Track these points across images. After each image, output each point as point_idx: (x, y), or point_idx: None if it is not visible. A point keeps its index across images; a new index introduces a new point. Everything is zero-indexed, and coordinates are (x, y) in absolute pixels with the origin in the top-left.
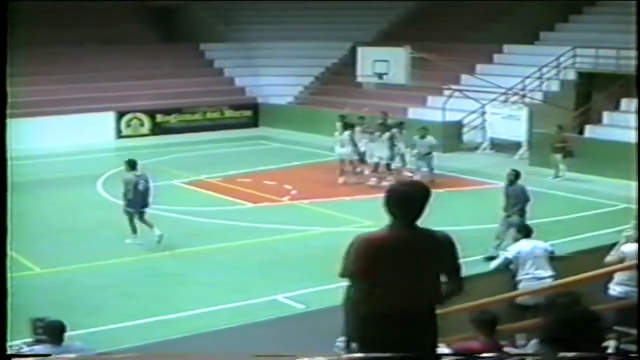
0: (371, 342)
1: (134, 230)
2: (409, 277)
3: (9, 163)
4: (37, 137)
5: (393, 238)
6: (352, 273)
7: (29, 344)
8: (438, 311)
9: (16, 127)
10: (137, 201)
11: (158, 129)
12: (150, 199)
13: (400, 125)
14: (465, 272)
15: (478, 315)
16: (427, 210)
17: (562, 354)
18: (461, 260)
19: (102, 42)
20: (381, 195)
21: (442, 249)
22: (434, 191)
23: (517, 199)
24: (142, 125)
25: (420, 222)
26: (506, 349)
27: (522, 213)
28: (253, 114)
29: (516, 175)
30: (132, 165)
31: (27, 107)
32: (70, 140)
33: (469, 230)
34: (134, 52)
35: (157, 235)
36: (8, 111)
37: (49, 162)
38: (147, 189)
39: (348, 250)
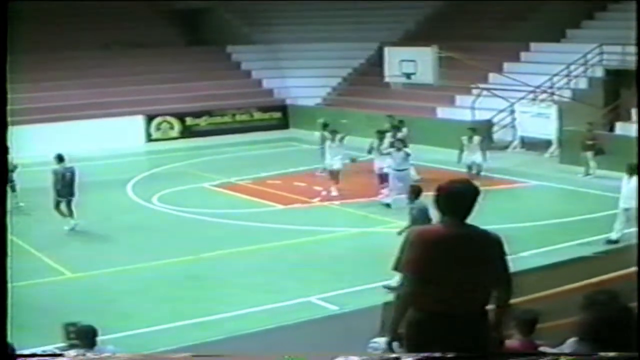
0: (420, 341)
1: (65, 215)
2: (462, 274)
3: (37, 168)
4: (66, 141)
5: (447, 234)
6: (405, 267)
7: (62, 349)
8: None
9: (47, 132)
10: (65, 191)
11: (188, 132)
12: (76, 189)
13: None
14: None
15: (520, 314)
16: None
17: (601, 354)
18: (508, 261)
19: (130, 45)
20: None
21: (494, 248)
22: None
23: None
24: (171, 128)
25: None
26: (542, 349)
27: None
28: (282, 116)
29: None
30: (60, 158)
31: (57, 111)
32: (100, 144)
33: (503, 229)
34: (161, 55)
35: (72, 224)
36: (35, 117)
37: (80, 167)
38: (72, 180)
39: (403, 244)
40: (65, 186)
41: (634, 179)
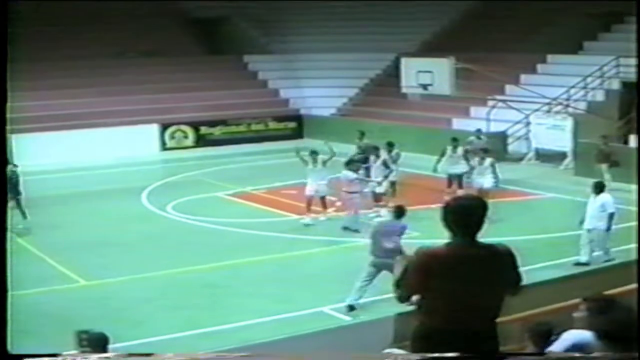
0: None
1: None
2: (472, 293)
3: (52, 176)
4: (82, 149)
5: (454, 253)
6: (414, 288)
7: (73, 356)
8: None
9: (63, 140)
10: (14, 191)
11: (202, 141)
12: (22, 189)
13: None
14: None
15: (535, 326)
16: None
17: (601, 354)
18: (521, 270)
19: (145, 54)
20: (426, 207)
21: (505, 264)
22: None
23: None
24: (186, 137)
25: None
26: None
27: None
28: (297, 126)
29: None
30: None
31: (72, 119)
32: (114, 152)
33: (517, 241)
34: (177, 64)
35: (23, 224)
36: (51, 124)
37: (94, 175)
38: (17, 182)
39: (409, 266)
40: (13, 187)
41: (600, 197)
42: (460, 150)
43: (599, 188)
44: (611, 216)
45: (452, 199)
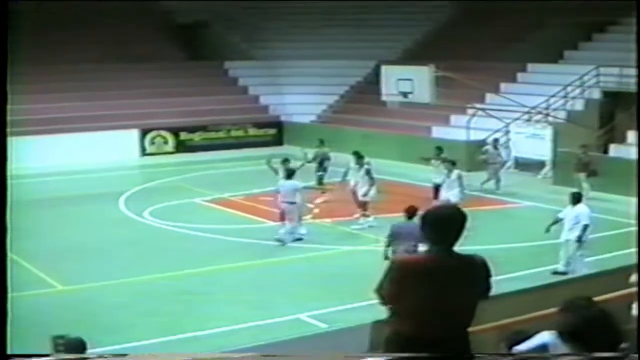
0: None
1: None
2: (444, 302)
3: (31, 180)
4: (61, 154)
5: (430, 263)
6: (390, 299)
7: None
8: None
9: (41, 144)
10: None
11: (182, 147)
12: None
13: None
14: (494, 290)
15: (511, 334)
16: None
17: (600, 354)
18: (492, 280)
19: (126, 59)
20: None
21: (479, 275)
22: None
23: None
24: (166, 143)
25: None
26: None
27: None
28: (277, 132)
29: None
30: None
31: (52, 124)
32: (94, 157)
33: (494, 250)
34: (158, 69)
35: None
36: (31, 128)
37: (73, 179)
38: None
39: (386, 274)
40: None
41: (576, 208)
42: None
43: (576, 199)
44: (585, 228)
45: (432, 208)
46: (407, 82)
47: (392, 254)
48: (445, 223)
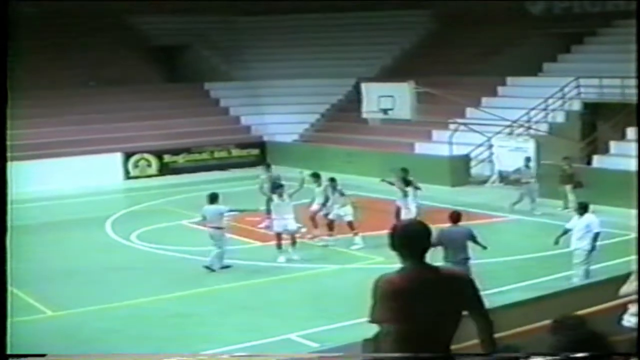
0: None
1: None
2: (430, 317)
3: (15, 206)
4: (44, 179)
5: (408, 279)
6: (376, 316)
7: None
8: (454, 346)
9: (23, 170)
10: None
11: (166, 169)
12: None
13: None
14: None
15: (502, 349)
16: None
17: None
18: (482, 293)
19: (107, 82)
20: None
21: (461, 286)
22: (443, 226)
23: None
24: (149, 165)
25: (431, 258)
26: None
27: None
28: (260, 152)
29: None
30: None
31: (34, 149)
32: (77, 182)
33: (480, 264)
34: (139, 92)
35: None
36: (13, 154)
37: (57, 205)
38: None
39: (373, 294)
40: None
41: (585, 217)
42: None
43: (584, 208)
44: (596, 236)
45: (398, 225)
46: (388, 98)
47: (444, 260)
48: (414, 236)
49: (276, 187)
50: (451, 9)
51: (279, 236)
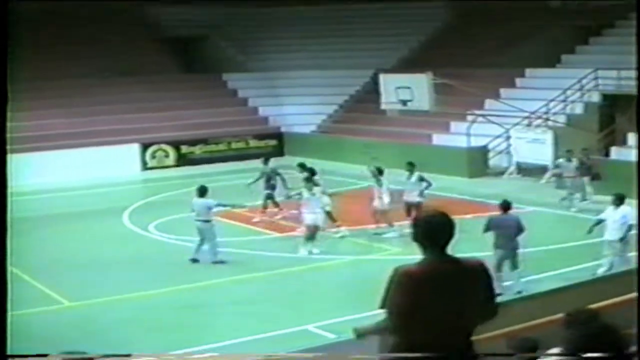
0: None
1: None
2: (449, 309)
3: (34, 197)
4: (63, 170)
5: (428, 270)
6: (394, 308)
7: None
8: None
9: (43, 161)
10: None
11: (183, 160)
12: None
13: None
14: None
15: (519, 342)
16: (455, 236)
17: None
18: (495, 286)
19: (125, 73)
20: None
21: (479, 278)
22: (462, 217)
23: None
24: (167, 156)
25: (450, 249)
26: None
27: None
28: (278, 143)
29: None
30: None
31: (53, 140)
32: (96, 173)
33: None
34: (157, 83)
35: None
36: (32, 145)
37: (76, 195)
38: None
39: (389, 285)
40: None
41: (621, 209)
42: (415, 176)
43: (620, 199)
44: (630, 227)
45: (421, 215)
46: (406, 90)
47: (494, 247)
48: (438, 228)
49: (307, 180)
50: (469, 2)
51: (309, 228)
